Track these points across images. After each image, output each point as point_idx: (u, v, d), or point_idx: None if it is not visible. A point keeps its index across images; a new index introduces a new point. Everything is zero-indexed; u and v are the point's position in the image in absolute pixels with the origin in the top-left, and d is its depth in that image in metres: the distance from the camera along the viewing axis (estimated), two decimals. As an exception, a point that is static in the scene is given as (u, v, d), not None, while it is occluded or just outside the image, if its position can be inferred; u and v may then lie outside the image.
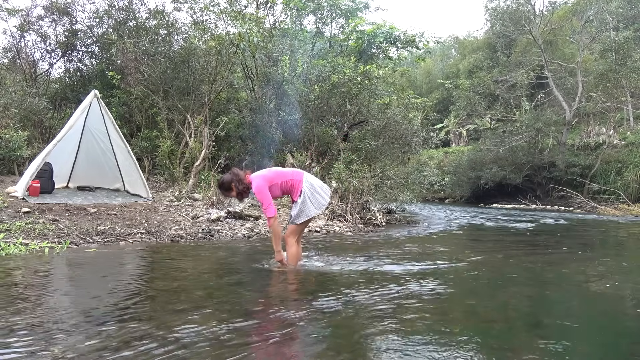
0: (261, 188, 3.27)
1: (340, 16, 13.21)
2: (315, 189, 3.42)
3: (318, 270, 3.52)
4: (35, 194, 5.87)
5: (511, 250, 5.24)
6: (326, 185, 3.60)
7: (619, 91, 17.34)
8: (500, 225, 8.65)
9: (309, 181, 3.44)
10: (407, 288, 2.91)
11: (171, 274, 3.24)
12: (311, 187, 3.41)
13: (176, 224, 5.50)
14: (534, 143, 18.71)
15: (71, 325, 1.97)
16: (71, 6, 11.49)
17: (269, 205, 3.25)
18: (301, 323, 2.14)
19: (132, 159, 6.86)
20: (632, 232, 7.88)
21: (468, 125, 27.67)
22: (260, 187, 3.27)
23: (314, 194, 3.40)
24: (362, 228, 6.88)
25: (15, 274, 3.07)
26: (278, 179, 3.39)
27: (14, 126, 8.72)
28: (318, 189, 3.43)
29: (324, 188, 3.50)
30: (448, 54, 38.57)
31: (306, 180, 3.43)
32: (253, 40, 8.87)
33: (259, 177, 3.35)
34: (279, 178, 3.39)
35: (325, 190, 3.52)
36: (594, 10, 19.59)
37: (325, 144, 8.88)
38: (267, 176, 3.37)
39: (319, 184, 3.50)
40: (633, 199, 15.04)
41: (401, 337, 1.98)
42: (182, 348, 1.75)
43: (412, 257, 4.32)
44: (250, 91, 11.15)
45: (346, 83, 8.35)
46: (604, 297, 2.96)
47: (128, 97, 10.34)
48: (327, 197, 3.51)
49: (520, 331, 2.21)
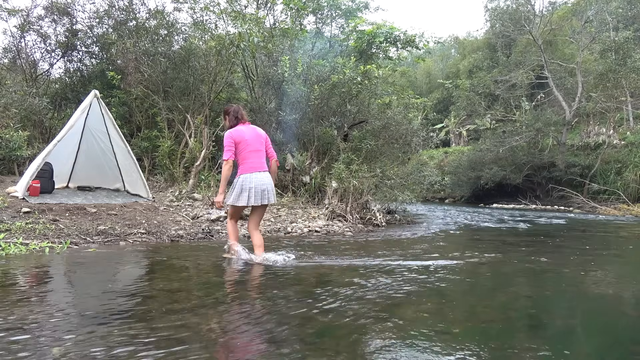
0: (227, 137, 3.62)
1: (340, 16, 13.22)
2: (244, 188, 3.61)
3: (318, 270, 3.52)
4: (36, 194, 5.87)
5: (511, 250, 5.24)
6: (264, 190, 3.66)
7: (618, 91, 17.34)
8: (500, 225, 8.66)
9: (249, 179, 3.62)
10: (407, 288, 2.91)
11: (171, 274, 3.25)
12: (243, 183, 3.61)
13: (176, 224, 5.50)
14: (534, 143, 18.71)
15: (71, 326, 1.97)
16: (71, 6, 11.48)
17: (225, 152, 3.61)
18: (301, 323, 2.14)
19: (132, 159, 6.86)
20: (632, 232, 7.88)
21: (468, 125, 27.67)
22: (227, 136, 3.63)
23: (241, 190, 3.62)
24: (362, 228, 6.88)
25: (16, 274, 3.08)
26: (243, 148, 3.64)
27: (14, 126, 8.73)
28: (247, 190, 3.60)
29: (257, 192, 3.61)
30: (448, 54, 38.58)
31: (247, 176, 3.62)
32: (253, 40, 8.86)
33: (234, 133, 3.65)
34: (244, 148, 3.64)
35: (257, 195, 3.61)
36: (593, 11, 19.60)
37: (325, 144, 8.88)
38: (242, 141, 3.63)
39: (255, 186, 3.61)
40: (633, 199, 15.04)
41: (401, 337, 1.98)
42: (182, 348, 1.75)
43: (412, 257, 4.32)
44: (250, 91, 11.14)
45: (346, 83, 8.35)
46: (604, 297, 2.96)
47: (128, 97, 10.34)
48: (253, 201, 3.62)
49: (520, 331, 2.21)
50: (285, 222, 6.52)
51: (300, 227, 6.24)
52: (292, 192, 8.87)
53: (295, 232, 5.97)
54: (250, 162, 3.64)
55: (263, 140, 3.78)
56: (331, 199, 7.42)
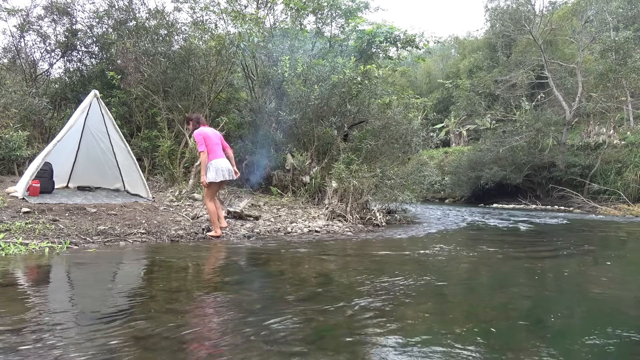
0: (197, 135, 5.00)
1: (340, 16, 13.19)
2: (218, 169, 4.96)
3: (317, 269, 3.52)
4: (35, 194, 5.87)
5: (511, 250, 5.24)
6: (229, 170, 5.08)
7: (619, 91, 17.34)
8: (500, 225, 8.66)
9: (219, 163, 4.99)
10: (407, 288, 2.91)
11: (171, 274, 3.24)
12: (216, 166, 4.95)
13: (176, 224, 5.50)
14: (534, 143, 18.71)
15: (71, 326, 1.97)
16: (71, 6, 11.48)
17: (200, 145, 4.95)
18: (300, 323, 2.14)
19: (132, 159, 6.85)
20: (632, 232, 7.88)
21: (468, 125, 27.67)
22: (196, 134, 5.01)
23: (216, 171, 4.97)
24: (362, 228, 6.88)
25: (15, 274, 3.07)
26: (209, 143, 5.01)
27: (14, 126, 8.72)
28: (220, 170, 4.98)
29: (224, 171, 5.00)
30: (448, 54, 38.57)
31: (216, 161, 4.99)
32: (253, 40, 8.86)
33: (202, 131, 5.04)
34: (209, 143, 5.01)
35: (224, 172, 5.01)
36: (594, 10, 19.60)
37: (325, 144, 8.87)
38: (207, 137, 5.01)
39: (222, 167, 5.00)
40: (633, 199, 15.04)
41: (401, 337, 1.98)
42: (182, 348, 1.75)
43: (412, 257, 4.32)
44: (250, 91, 11.13)
45: (346, 83, 8.34)
46: (604, 297, 2.96)
47: (128, 97, 10.32)
48: (222, 177, 4.99)
49: (520, 331, 2.21)
50: (285, 222, 6.51)
51: (300, 227, 6.24)
52: (292, 192, 8.87)
53: (295, 232, 5.96)
54: (216, 152, 5.03)
55: (219, 137, 5.21)
56: (331, 199, 7.41)
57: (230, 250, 4.47)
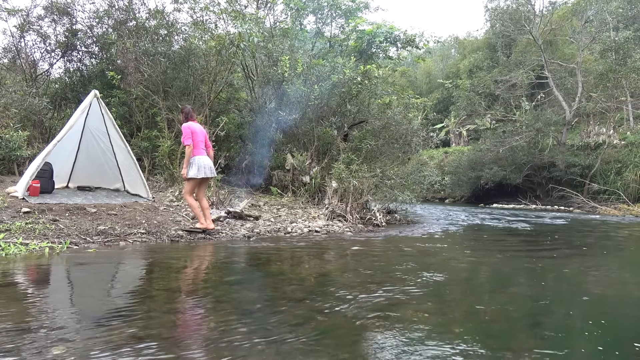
0: (185, 128, 5.05)
1: (340, 16, 13.20)
2: (200, 166, 5.03)
3: (317, 269, 3.52)
4: (35, 194, 5.87)
5: (511, 250, 5.24)
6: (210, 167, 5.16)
7: (619, 91, 17.34)
8: (500, 225, 8.66)
9: (201, 160, 5.06)
10: (407, 287, 2.91)
11: (171, 274, 3.24)
12: (198, 162, 5.02)
13: (176, 224, 5.50)
14: (534, 143, 18.70)
15: (71, 326, 1.97)
16: (71, 6, 11.47)
17: (187, 139, 4.98)
18: (300, 323, 2.14)
19: (132, 159, 6.85)
20: (632, 232, 7.88)
21: (468, 125, 27.67)
22: (185, 127, 5.06)
23: (197, 168, 5.02)
24: (362, 228, 6.88)
25: (16, 274, 3.07)
26: (194, 138, 5.06)
27: (14, 126, 8.71)
28: (202, 167, 5.04)
29: (206, 168, 5.07)
30: (448, 54, 38.56)
31: (198, 157, 5.06)
32: (253, 40, 8.85)
33: (190, 125, 5.08)
34: (195, 138, 5.07)
35: (206, 170, 5.08)
36: (594, 10, 19.59)
37: (325, 144, 8.87)
38: (195, 132, 5.08)
39: (205, 164, 5.08)
40: (633, 199, 15.04)
41: (401, 337, 1.98)
42: (182, 348, 1.75)
43: (412, 257, 4.32)
44: (250, 91, 11.13)
45: (346, 83, 8.34)
46: (604, 297, 2.96)
47: (128, 97, 10.32)
48: (203, 174, 5.03)
49: (520, 331, 2.21)
50: (285, 222, 6.51)
51: (300, 227, 6.24)
52: (292, 192, 8.87)
53: (295, 232, 5.96)
54: (199, 148, 5.10)
55: (205, 135, 5.27)
56: (331, 199, 7.41)
57: (230, 250, 4.47)
